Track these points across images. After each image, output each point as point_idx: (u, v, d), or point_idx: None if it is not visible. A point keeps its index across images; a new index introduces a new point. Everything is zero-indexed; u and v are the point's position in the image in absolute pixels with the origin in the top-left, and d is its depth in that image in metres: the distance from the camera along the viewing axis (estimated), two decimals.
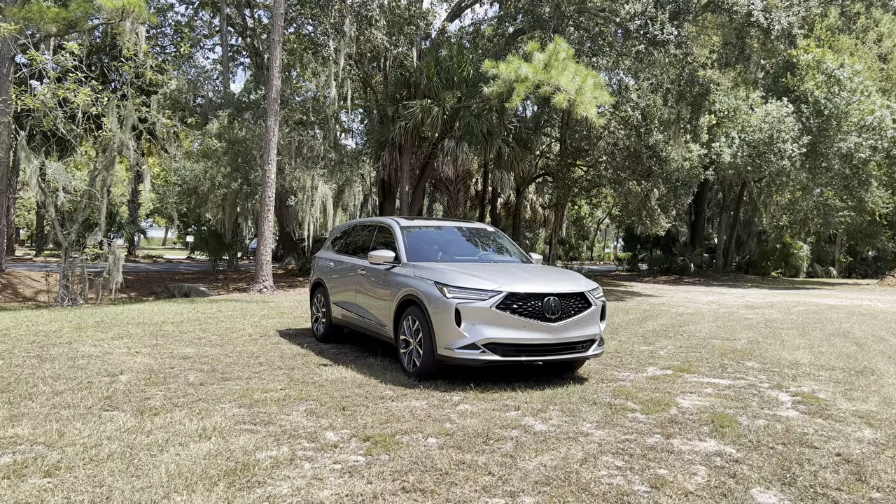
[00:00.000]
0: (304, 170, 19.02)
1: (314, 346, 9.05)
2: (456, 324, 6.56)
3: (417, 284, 7.08)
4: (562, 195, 26.37)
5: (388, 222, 8.52)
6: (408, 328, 7.18)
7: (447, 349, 6.62)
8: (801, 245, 38.65)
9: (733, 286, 27.75)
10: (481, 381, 6.91)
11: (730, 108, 29.21)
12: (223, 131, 19.11)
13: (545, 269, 8.16)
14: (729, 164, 27.75)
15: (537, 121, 26.91)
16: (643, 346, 9.96)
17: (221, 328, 10.48)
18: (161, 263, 31.82)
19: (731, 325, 12.91)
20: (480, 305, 6.57)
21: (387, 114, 22.69)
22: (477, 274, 7.02)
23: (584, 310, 6.98)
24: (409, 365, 7.15)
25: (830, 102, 27.60)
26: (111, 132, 15.18)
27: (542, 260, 8.74)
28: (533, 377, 7.24)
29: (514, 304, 6.62)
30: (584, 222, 52.86)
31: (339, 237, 9.84)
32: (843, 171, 28.07)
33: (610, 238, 69.76)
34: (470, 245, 8.80)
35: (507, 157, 22.36)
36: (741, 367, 8.50)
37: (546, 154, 30.75)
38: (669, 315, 14.68)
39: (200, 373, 7.16)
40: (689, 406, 6.36)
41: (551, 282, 7.14)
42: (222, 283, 20.85)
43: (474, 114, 21.75)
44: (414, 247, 8.02)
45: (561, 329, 6.73)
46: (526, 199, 38.39)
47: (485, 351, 6.55)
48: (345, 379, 7.02)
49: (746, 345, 10.46)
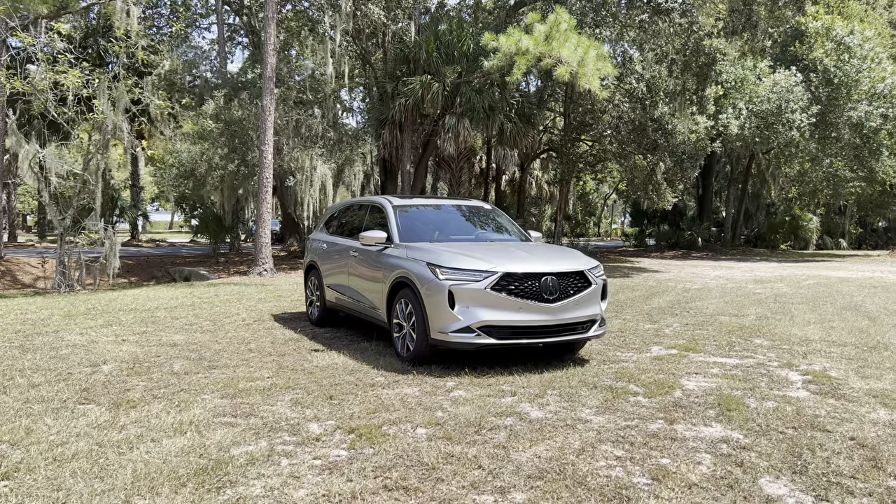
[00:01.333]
0: (303, 149, 18.68)
1: (308, 331, 8.80)
2: (449, 306, 6.27)
3: (410, 266, 6.79)
4: (566, 171, 25.93)
5: (380, 202, 8.21)
6: (401, 311, 6.90)
7: (441, 333, 6.34)
8: (811, 217, 38.12)
9: (742, 260, 27.35)
10: (477, 366, 6.64)
11: (737, 78, 28.60)
12: (219, 112, 18.75)
13: (544, 247, 7.85)
14: (737, 136, 27.23)
15: (540, 95, 26.40)
16: (648, 325, 9.66)
17: (215, 313, 10.24)
18: (164, 247, 31.66)
19: (739, 301, 12.59)
20: (475, 287, 6.28)
21: (386, 91, 22.26)
22: (471, 254, 6.72)
23: (583, 289, 6.67)
24: (403, 350, 6.88)
25: (840, 70, 26.98)
26: (103, 114, 14.85)
27: (541, 238, 8.42)
28: (532, 360, 6.96)
29: (510, 284, 6.33)
30: (590, 198, 52.32)
31: (332, 218, 9.54)
32: (853, 140, 27.51)
33: (617, 213, 69.18)
34: (466, 224, 8.48)
35: (510, 132, 21.92)
36: (749, 345, 8.20)
37: (550, 129, 30.25)
38: (676, 291, 14.36)
39: (187, 361, 6.92)
40: (695, 388, 6.07)
41: (549, 260, 6.83)
42: (223, 266, 20.64)
43: (475, 89, 21.29)
44: (407, 227, 7.71)
45: (560, 310, 6.44)
46: (531, 176, 37.93)
47: (480, 334, 6.27)
48: (336, 365, 6.76)
49: (755, 321, 10.15)
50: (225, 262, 21.39)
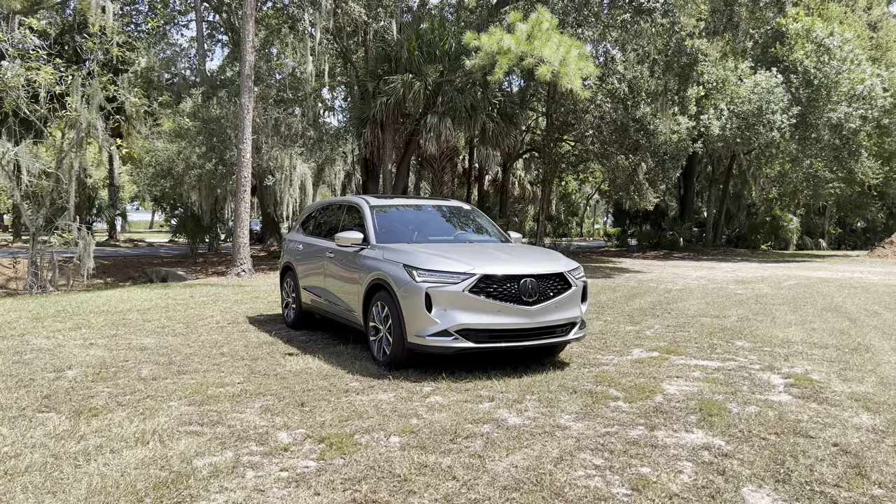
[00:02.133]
0: (282, 148, 18.42)
1: (283, 334, 8.60)
2: (426, 309, 6.12)
3: (386, 268, 6.62)
4: (549, 171, 25.86)
5: (356, 202, 8.03)
6: (377, 314, 6.73)
7: (418, 336, 6.18)
8: (791, 217, 38.39)
9: (723, 260, 27.44)
10: (455, 370, 6.49)
11: (718, 79, 28.72)
12: (197, 110, 18.45)
13: (523, 248, 7.71)
14: (718, 137, 27.30)
15: (522, 95, 26.30)
16: (629, 326, 9.57)
17: (189, 315, 10.01)
18: (142, 247, 31.20)
19: (721, 302, 12.55)
20: (452, 289, 6.13)
21: (367, 89, 22.04)
22: (449, 255, 6.57)
23: (563, 291, 6.54)
24: (379, 353, 6.72)
25: (820, 72, 27.14)
26: (76, 112, 14.53)
27: (521, 239, 8.28)
28: (511, 363, 6.82)
29: (489, 286, 6.18)
30: (572, 198, 52.37)
31: (308, 218, 9.34)
32: (833, 141, 27.70)
33: (599, 214, 69.37)
34: (445, 225, 8.33)
35: (492, 132, 21.78)
36: (731, 347, 8.12)
37: (532, 129, 30.17)
38: (657, 292, 14.31)
39: (156, 366, 6.70)
40: (676, 392, 5.96)
41: (528, 262, 6.70)
42: (201, 266, 20.33)
43: (457, 88, 21.14)
44: (384, 227, 7.54)
45: (539, 312, 6.30)
46: (513, 176, 37.87)
47: (458, 338, 6.12)
48: (310, 370, 6.58)
49: (736, 322, 10.09)
50: (203, 263, 21.07)
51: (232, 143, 17.58)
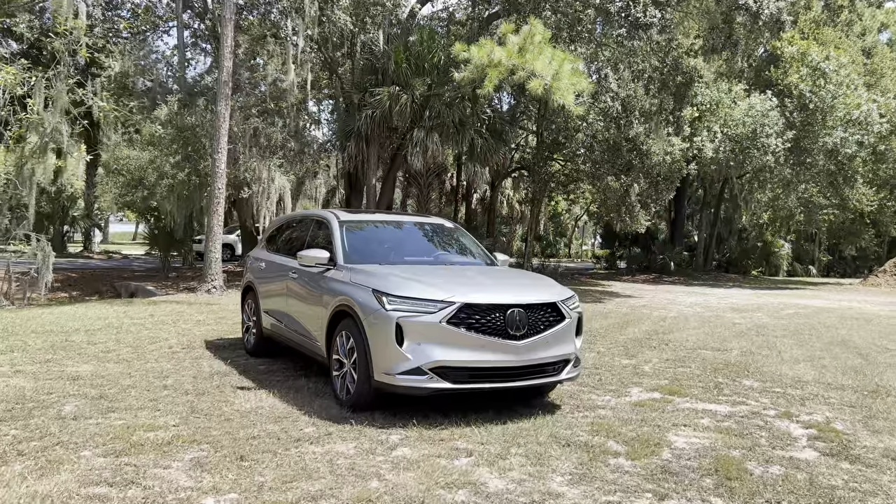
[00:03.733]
0: (260, 159, 17.57)
1: (240, 363, 7.68)
2: (397, 343, 5.25)
3: (352, 292, 5.76)
4: (538, 190, 25.14)
5: (324, 216, 7.16)
6: (341, 346, 5.85)
7: (386, 375, 5.31)
8: (783, 243, 37.88)
9: (715, 286, 26.73)
10: (429, 413, 5.61)
11: (712, 100, 28.17)
12: (172, 118, 17.57)
13: (511, 273, 6.88)
14: (711, 160, 26.71)
15: (512, 112, 25.66)
16: (625, 360, 8.73)
17: (141, 338, 9.07)
18: (116, 260, 30.11)
19: (720, 333, 11.75)
20: (428, 320, 5.27)
21: (353, 101, 21.29)
22: (425, 280, 5.72)
23: (556, 324, 5.70)
24: (342, 392, 5.83)
25: (816, 96, 26.65)
26: (38, 115, 13.61)
27: (508, 261, 7.44)
28: (493, 405, 5.95)
29: (471, 317, 5.33)
30: (561, 218, 51.71)
31: (274, 234, 8.46)
32: (827, 167, 27.19)
33: (588, 235, 68.80)
34: (425, 244, 7.47)
35: (481, 148, 21.05)
36: (739, 388, 7.29)
37: (522, 147, 29.50)
38: (651, 320, 13.50)
39: (83, 401, 5.78)
40: (685, 446, 5.11)
41: (517, 289, 5.86)
42: (173, 281, 19.33)
43: (446, 102, 20.43)
44: (355, 245, 6.68)
45: (528, 349, 5.45)
46: (502, 195, 37.14)
47: (433, 377, 5.24)
48: (261, 409, 5.67)
49: (740, 357, 9.28)
50: (176, 278, 20.07)
51: (206, 153, 16.70)
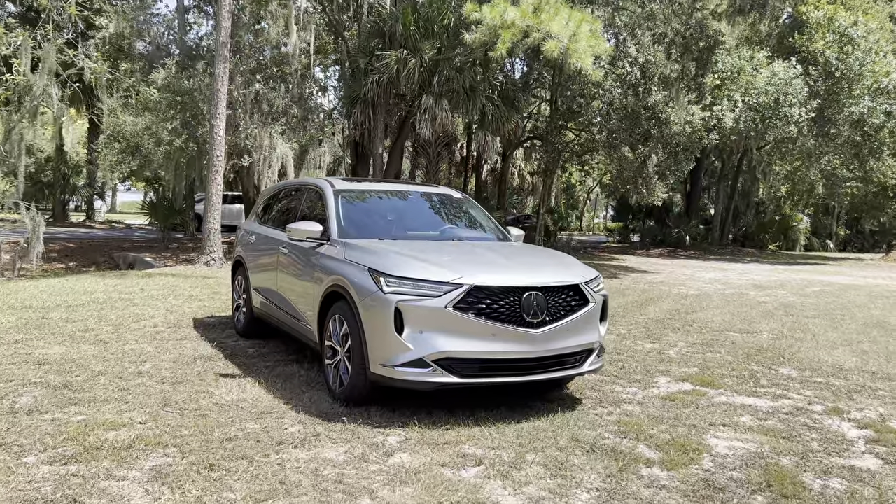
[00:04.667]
0: (261, 126, 16.79)
1: (228, 345, 7.03)
2: (396, 331, 4.56)
3: (347, 271, 5.06)
4: (551, 160, 24.24)
5: (318, 184, 6.43)
6: (334, 331, 5.17)
7: (384, 367, 4.63)
8: (801, 217, 36.85)
9: (732, 261, 25.92)
10: (433, 409, 4.93)
11: (733, 68, 27.06)
12: (170, 82, 16.77)
13: (527, 250, 6.15)
14: (731, 130, 25.71)
15: (525, 79, 24.64)
16: (648, 344, 8.02)
17: (125, 315, 8.43)
18: (118, 229, 29.54)
19: (746, 312, 11.02)
20: (432, 304, 4.57)
21: (359, 66, 20.37)
22: (429, 258, 5.01)
23: (578, 309, 4.99)
24: (335, 383, 5.16)
25: (842, 63, 25.51)
26: (24, 77, 12.88)
27: (522, 236, 6.70)
28: (506, 400, 5.27)
29: (481, 302, 4.62)
30: (574, 190, 50.69)
31: (266, 204, 7.74)
32: (853, 137, 26.12)
33: (600, 207, 67.80)
34: (429, 217, 6.73)
35: (492, 116, 20.13)
36: (776, 377, 6.58)
37: (535, 116, 28.51)
38: (672, 297, 12.77)
39: (44, 390, 5.14)
40: (727, 452, 4.42)
41: (534, 269, 5.15)
42: (172, 252, 18.72)
43: (456, 67, 19.50)
44: (351, 218, 5.96)
45: (546, 337, 4.74)
46: (513, 166, 36.21)
47: (437, 370, 4.56)
48: (242, 403, 5.02)
49: (771, 340, 8.56)
50: (176, 249, 19.46)
51: (205, 119, 15.94)
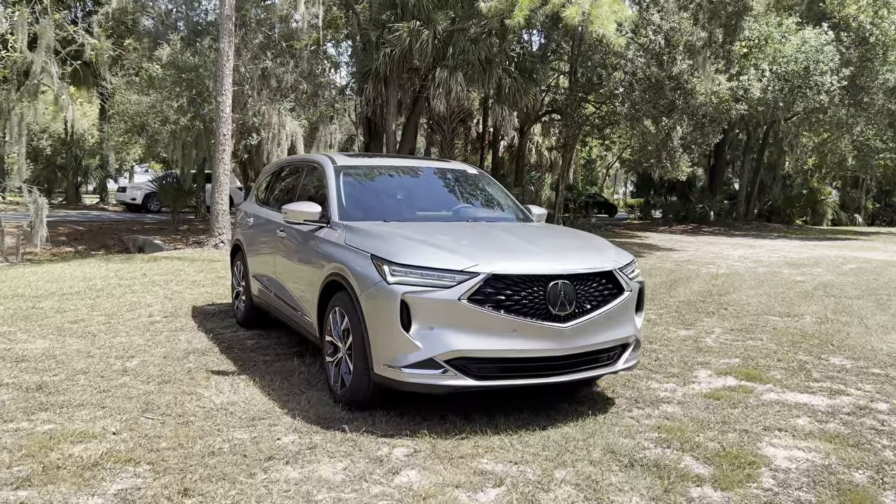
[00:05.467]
0: (270, 103, 16.19)
1: (226, 336, 6.49)
2: (402, 326, 3.97)
3: (347, 258, 4.46)
4: (570, 135, 23.43)
5: (318, 160, 5.82)
6: (335, 325, 4.59)
7: (389, 367, 4.04)
8: (830, 190, 35.70)
9: (759, 237, 25.04)
10: (446, 413, 4.35)
11: (760, 35, 25.95)
12: (175, 58, 16.19)
13: (552, 231, 5.52)
14: (759, 100, 24.70)
15: (543, 51, 23.77)
16: (682, 331, 7.38)
17: (121, 304, 7.92)
18: (133, 211, 29.24)
19: (783, 293, 10.31)
20: (443, 296, 3.96)
21: (370, 39, 19.66)
22: (441, 242, 4.40)
23: (612, 299, 4.36)
24: (336, 383, 4.58)
25: (877, 28, 24.33)
26: (21, 53, 12.35)
27: (544, 216, 6.04)
28: (529, 402, 4.67)
29: (500, 293, 4.01)
30: (594, 165, 49.58)
31: (265, 183, 7.15)
32: (888, 106, 25.00)
33: (619, 183, 66.57)
34: (441, 195, 6.09)
35: (509, 89, 19.35)
36: (828, 369, 5.93)
37: (553, 89, 27.61)
38: (701, 277, 12.07)
39: (15, 393, 4.63)
40: (789, 465, 3.80)
41: (561, 254, 4.51)
42: (182, 235, 18.29)
43: (471, 38, 18.71)
44: (354, 198, 5.35)
45: (576, 333, 4.12)
46: (530, 142, 35.32)
47: (449, 371, 3.96)
48: (233, 406, 4.47)
49: (816, 325, 7.88)
50: (186, 231, 19.02)
51: (211, 96, 15.36)
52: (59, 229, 18.85)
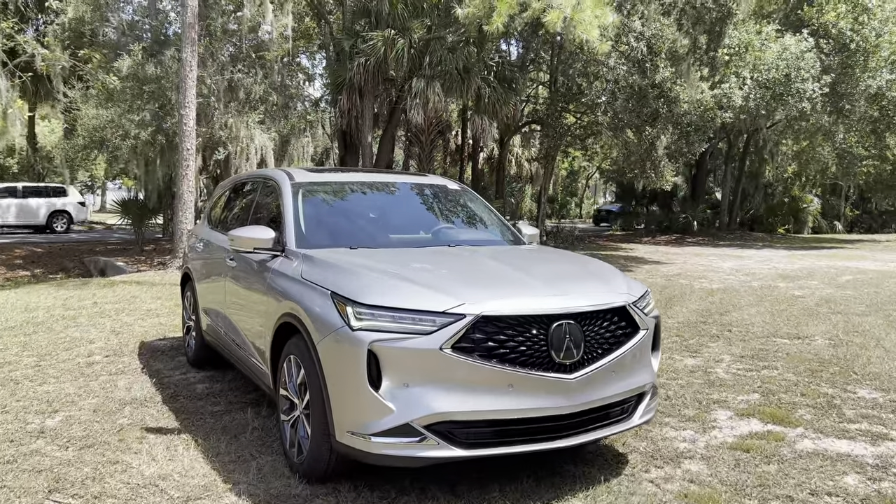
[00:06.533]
0: (237, 115, 15.35)
1: (173, 381, 5.63)
2: (371, 384, 3.17)
3: (302, 296, 3.66)
4: (552, 145, 22.81)
5: (273, 176, 5.01)
6: (290, 377, 3.79)
7: (354, 435, 3.24)
8: (812, 199, 35.46)
9: (744, 246, 24.55)
10: (427, 486, 3.55)
11: (741, 43, 25.64)
12: (136, 70, 15.30)
13: (548, 256, 4.76)
14: (741, 108, 24.33)
15: (522, 60, 23.21)
16: (688, 359, 6.65)
17: (59, 340, 7.02)
18: (98, 230, 28.09)
19: (786, 311, 9.64)
20: (421, 345, 3.17)
21: (343, 49, 18.93)
22: (416, 276, 3.62)
23: (625, 340, 3.60)
24: (293, 447, 3.76)
25: (857, 34, 24.10)
26: None
27: (537, 237, 5.27)
28: (527, 465, 3.87)
29: (492, 338, 3.22)
30: (578, 174, 49.07)
31: (217, 202, 6.31)
32: (870, 113, 24.72)
33: (599, 194, 66.33)
34: (418, 215, 5.28)
35: (489, 99, 18.71)
36: (860, 404, 5.23)
37: (534, 100, 27.03)
38: (696, 294, 11.39)
39: None
40: None
41: (563, 286, 3.73)
42: (147, 255, 17.30)
43: (448, 47, 18.08)
44: (316, 220, 4.55)
45: (585, 384, 3.35)
46: (510, 153, 34.72)
47: (430, 439, 3.17)
48: (165, 481, 3.63)
49: (830, 348, 7.20)
50: (151, 251, 18.02)
51: (174, 109, 14.50)
52: (14, 252, 17.78)
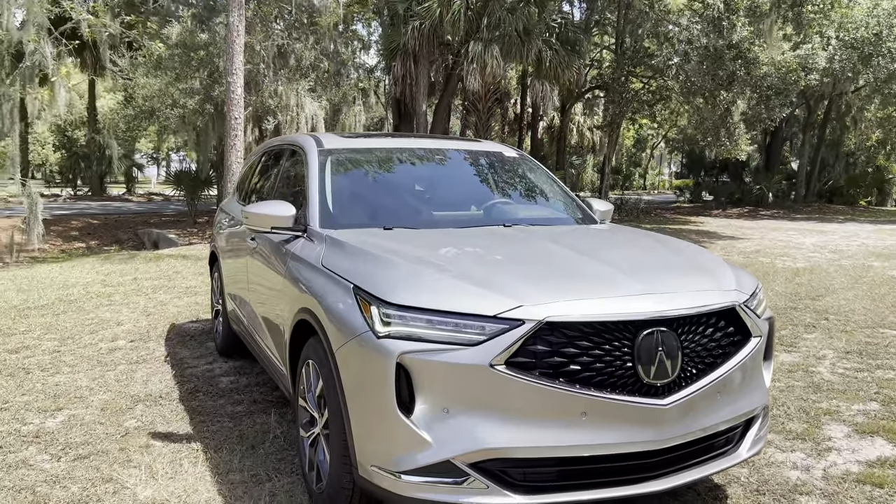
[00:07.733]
0: (287, 83, 14.78)
1: (197, 371, 5.06)
2: (401, 408, 2.44)
3: (320, 289, 2.95)
4: (617, 113, 21.56)
5: (299, 142, 4.30)
6: (308, 386, 3.10)
7: (381, 469, 2.52)
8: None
9: (824, 220, 22.88)
10: None
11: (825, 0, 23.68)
12: (185, 38, 14.86)
13: (626, 238, 3.89)
14: (824, 70, 22.50)
15: (587, 21, 21.92)
16: (784, 354, 5.73)
17: (85, 322, 6.57)
18: (156, 202, 28.28)
19: (888, 295, 8.53)
20: (466, 359, 2.41)
21: (397, 12, 18.14)
22: (463, 265, 2.85)
23: (734, 351, 2.76)
24: (312, 471, 3.08)
25: None
26: (5, 31, 11.12)
27: (611, 213, 4.41)
28: None
29: (558, 350, 2.44)
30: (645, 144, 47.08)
31: (248, 173, 5.66)
32: None
33: (664, 164, 63.92)
34: (468, 187, 4.47)
35: (550, 62, 17.63)
36: None
37: (597, 64, 25.66)
38: (781, 274, 10.29)
39: None
40: None
41: (652, 281, 2.84)
42: (199, 227, 17.09)
43: (507, 7, 17.06)
44: (345, 194, 3.83)
45: (682, 412, 2.54)
46: (571, 122, 33.38)
47: (475, 480, 2.43)
48: None
49: None
50: (204, 223, 17.81)
51: (222, 77, 14.02)
52: (71, 223, 17.82)
